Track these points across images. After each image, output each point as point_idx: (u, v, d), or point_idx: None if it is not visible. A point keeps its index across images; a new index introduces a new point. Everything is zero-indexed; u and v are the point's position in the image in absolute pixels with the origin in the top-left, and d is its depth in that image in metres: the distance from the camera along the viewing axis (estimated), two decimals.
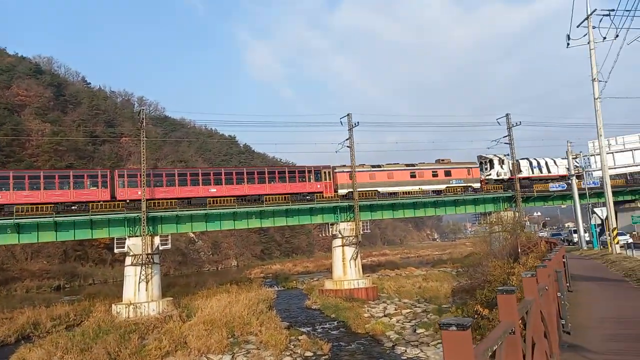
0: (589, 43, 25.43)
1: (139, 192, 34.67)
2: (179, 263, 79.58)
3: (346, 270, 42.62)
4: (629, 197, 59.33)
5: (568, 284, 13.27)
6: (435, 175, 48.57)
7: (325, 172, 43.61)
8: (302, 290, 48.44)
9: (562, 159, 52.18)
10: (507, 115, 51.49)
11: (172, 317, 29.58)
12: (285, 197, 40.92)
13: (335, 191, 43.48)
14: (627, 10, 23.41)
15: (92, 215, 33.90)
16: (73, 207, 34.30)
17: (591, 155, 37.88)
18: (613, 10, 21.42)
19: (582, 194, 43.92)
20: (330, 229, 44.02)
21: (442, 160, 50.72)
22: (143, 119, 38.76)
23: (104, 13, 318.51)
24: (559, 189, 53.84)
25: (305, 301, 40.33)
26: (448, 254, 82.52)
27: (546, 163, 55.12)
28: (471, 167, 50.55)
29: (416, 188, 47.29)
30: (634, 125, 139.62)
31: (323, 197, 42.77)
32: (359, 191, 43.36)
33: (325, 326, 30.11)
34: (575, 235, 47.13)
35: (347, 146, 44.28)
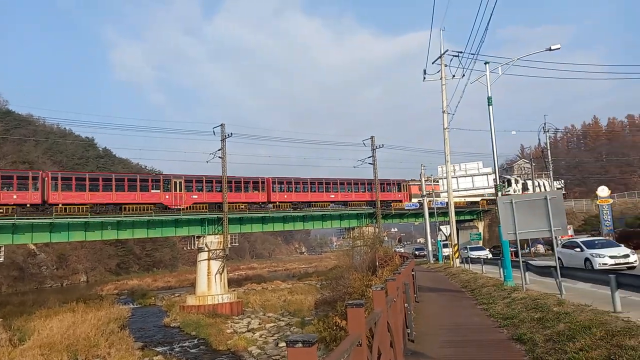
0: (441, 79, 28.66)
1: None
2: (14, 279, 69.01)
3: (211, 285, 41.18)
4: (468, 217, 67.88)
5: (416, 295, 14.48)
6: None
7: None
8: (162, 307, 45.43)
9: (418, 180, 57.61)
10: (371, 137, 55.37)
11: (0, 341, 25.37)
12: (146, 208, 38.32)
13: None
14: (471, 54, 26.79)
15: None
16: None
17: (440, 179, 42.49)
18: (461, 52, 24.48)
19: (431, 212, 48.85)
20: (197, 242, 42.28)
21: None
22: None
23: None
24: (413, 207, 59.31)
25: (164, 319, 37.86)
26: (314, 267, 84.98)
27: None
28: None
29: None
30: (475, 154, 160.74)
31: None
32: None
33: (185, 344, 28.55)
34: (446, 250, 49.80)
35: (219, 157, 43.25)
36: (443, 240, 43.77)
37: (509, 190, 56.75)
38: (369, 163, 54.66)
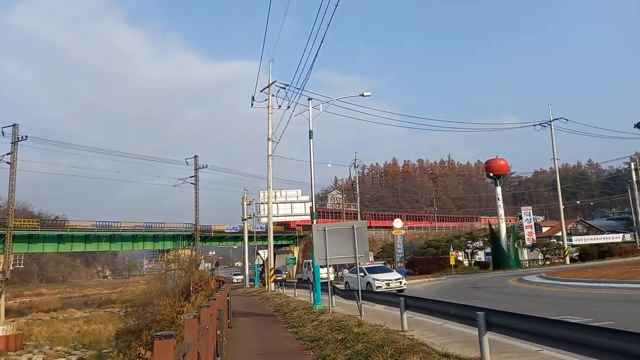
0: (268, 107, 29.68)
1: None
2: None
3: None
4: (285, 242, 70.64)
5: (229, 321, 14.24)
6: None
7: None
8: None
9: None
10: (195, 157, 53.88)
11: None
12: None
13: None
14: (297, 88, 28.45)
15: None
16: None
17: (261, 203, 43.44)
18: (288, 85, 25.84)
19: (251, 236, 49.40)
20: None
21: None
22: None
23: None
24: (233, 230, 59.16)
25: None
26: (119, 293, 77.28)
27: None
28: None
29: None
30: (294, 182, 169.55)
31: None
32: None
33: None
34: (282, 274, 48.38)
35: (8, 162, 36.58)
36: (260, 265, 44.49)
37: None
38: (191, 183, 52.91)
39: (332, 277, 27.07)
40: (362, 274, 21.32)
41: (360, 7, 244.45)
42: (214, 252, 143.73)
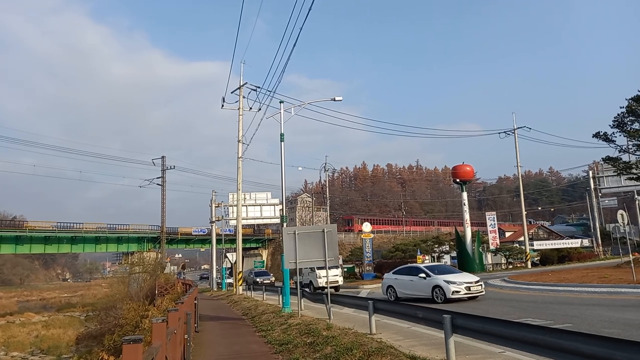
0: (239, 109, 29.45)
1: None
2: None
3: None
4: (254, 245, 70.13)
5: (196, 325, 14.03)
6: None
7: None
8: None
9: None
10: (162, 157, 52.82)
11: None
12: None
13: None
14: (269, 90, 28.37)
15: None
16: None
17: (230, 206, 43.03)
18: (259, 87, 25.74)
19: (219, 239, 48.84)
20: None
21: None
22: None
23: None
24: (201, 233, 58.30)
25: None
26: (80, 296, 74.76)
27: None
28: None
29: None
30: (263, 185, 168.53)
31: None
32: None
33: None
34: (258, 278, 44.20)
35: None
36: (228, 268, 44.00)
37: None
38: (158, 184, 51.82)
39: (340, 280, 27.00)
40: (422, 275, 16.81)
41: (330, 12, 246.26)
42: (180, 255, 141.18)
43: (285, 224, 17.35)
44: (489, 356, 7.29)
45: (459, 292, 15.86)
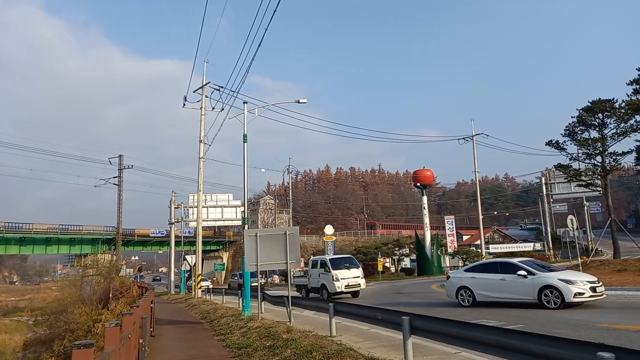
0: (201, 109, 28.96)
1: None
2: None
3: None
4: (215, 247, 68.97)
5: (152, 329, 13.63)
6: None
7: None
8: None
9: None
10: (120, 156, 51.22)
11: None
12: None
13: None
14: (232, 91, 28.05)
15: None
16: None
17: (190, 207, 42.15)
18: (223, 87, 25.40)
19: (178, 241, 47.71)
20: None
21: None
22: None
23: None
24: (159, 235, 56.81)
25: None
26: (28, 300, 71.16)
27: None
28: None
29: None
30: (225, 186, 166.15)
31: None
32: None
33: None
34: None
35: None
36: (187, 270, 43.07)
37: None
38: (114, 184, 50.17)
39: (362, 283, 22.13)
40: (521, 272, 13.50)
41: (293, 15, 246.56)
42: (137, 257, 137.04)
43: (247, 226, 17.15)
44: (446, 357, 7.44)
45: (582, 294, 12.42)
